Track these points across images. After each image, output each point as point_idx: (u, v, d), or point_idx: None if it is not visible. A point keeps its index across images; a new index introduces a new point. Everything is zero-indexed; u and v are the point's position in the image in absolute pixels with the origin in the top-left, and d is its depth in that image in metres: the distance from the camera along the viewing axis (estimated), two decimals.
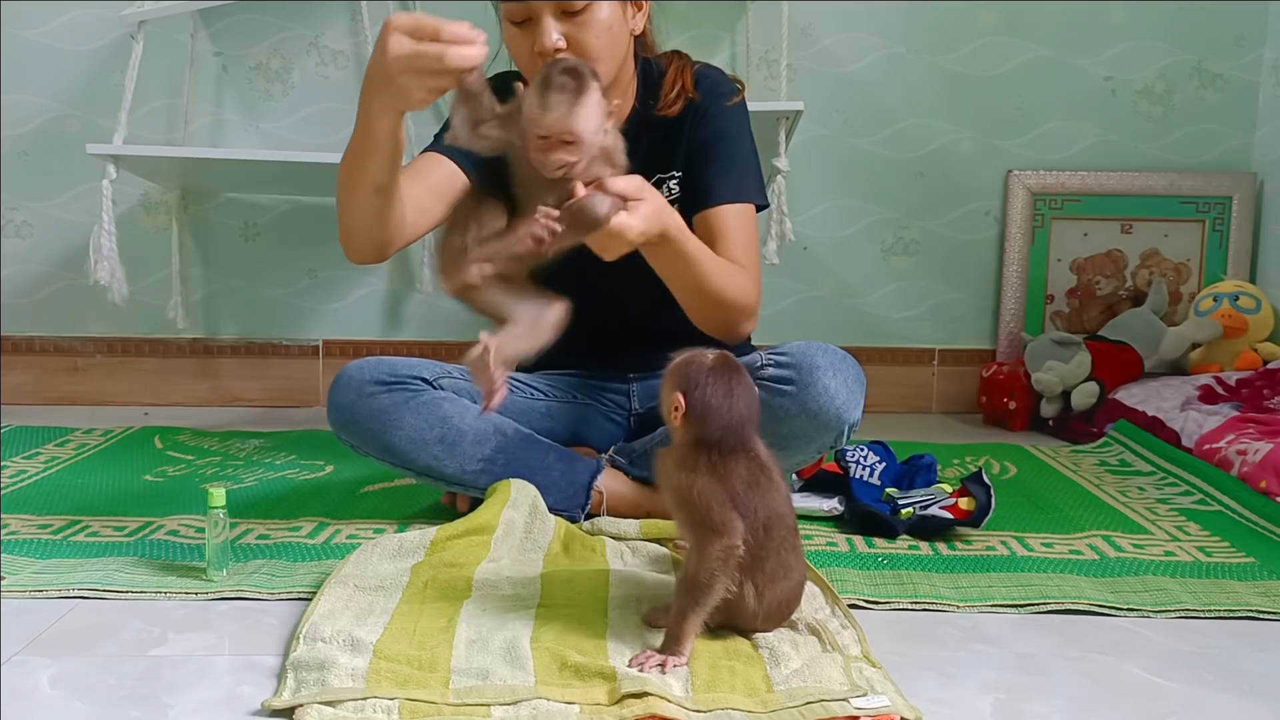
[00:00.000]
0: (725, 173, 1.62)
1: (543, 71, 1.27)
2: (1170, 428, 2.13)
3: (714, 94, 1.64)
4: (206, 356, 2.67)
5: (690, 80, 1.64)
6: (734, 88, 1.67)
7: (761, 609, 1.16)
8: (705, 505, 1.12)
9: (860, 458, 1.78)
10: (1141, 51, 2.63)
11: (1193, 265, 2.67)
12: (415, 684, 1.06)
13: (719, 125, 1.63)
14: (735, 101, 1.66)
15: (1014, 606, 1.33)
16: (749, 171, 1.64)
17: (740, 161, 1.63)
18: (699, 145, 1.63)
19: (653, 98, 1.64)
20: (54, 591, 1.33)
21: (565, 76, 1.25)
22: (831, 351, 1.52)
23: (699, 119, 1.63)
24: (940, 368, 2.72)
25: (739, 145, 1.64)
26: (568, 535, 1.52)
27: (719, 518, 1.12)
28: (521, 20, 1.48)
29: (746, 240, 1.61)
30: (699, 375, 1.15)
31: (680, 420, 1.15)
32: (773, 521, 1.15)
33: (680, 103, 1.62)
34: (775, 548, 1.15)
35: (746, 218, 1.62)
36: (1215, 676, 1.16)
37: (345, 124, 2.58)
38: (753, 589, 1.14)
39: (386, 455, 1.59)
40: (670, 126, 1.63)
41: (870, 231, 2.68)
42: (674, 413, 1.15)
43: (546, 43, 1.45)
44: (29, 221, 2.62)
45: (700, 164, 1.63)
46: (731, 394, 1.15)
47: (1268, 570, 1.47)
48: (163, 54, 2.53)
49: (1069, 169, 2.65)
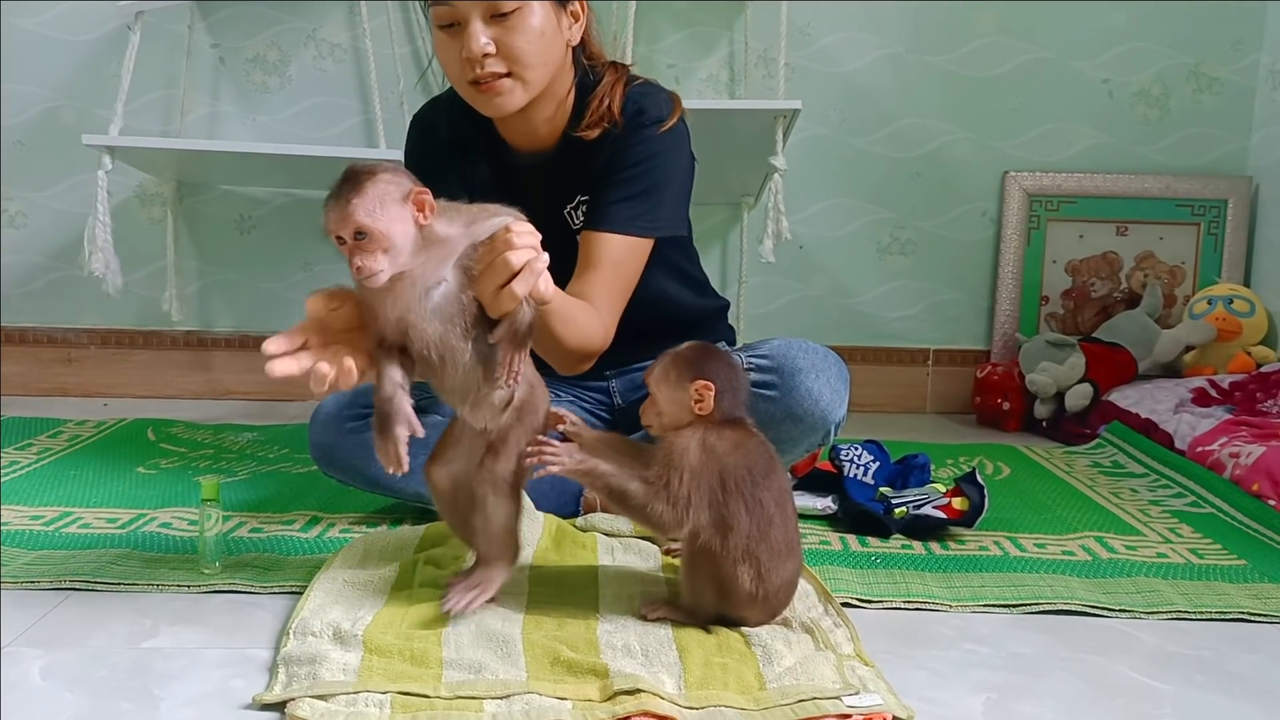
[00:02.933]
0: (624, 200, 1.50)
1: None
2: (1164, 430, 2.13)
3: (636, 123, 1.51)
4: (201, 349, 2.67)
5: (618, 103, 1.52)
6: (663, 114, 1.53)
7: (761, 590, 1.16)
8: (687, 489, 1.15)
9: (854, 457, 1.78)
10: (1139, 54, 2.63)
11: (1187, 268, 2.68)
12: (408, 678, 1.06)
13: (630, 155, 1.50)
14: (665, 129, 1.52)
15: (1006, 606, 1.34)
16: (652, 203, 1.51)
17: (648, 192, 1.50)
18: (607, 172, 1.52)
19: (579, 117, 1.53)
20: (46, 582, 1.33)
21: (349, 172, 1.10)
22: (812, 351, 1.51)
23: (615, 148, 1.51)
24: (935, 368, 2.72)
25: (652, 175, 1.51)
26: (559, 532, 1.52)
27: (687, 499, 1.15)
28: (449, 24, 1.42)
29: (615, 275, 1.48)
30: (703, 360, 1.19)
31: (713, 404, 1.17)
32: (784, 499, 1.18)
33: (599, 128, 1.52)
34: (784, 525, 1.17)
35: (628, 249, 1.49)
36: (1206, 678, 1.16)
37: (342, 117, 2.62)
38: (752, 571, 1.15)
39: (373, 487, 1.59)
40: (590, 149, 1.53)
41: (867, 231, 2.68)
42: (697, 402, 1.17)
43: (474, 47, 1.40)
44: (24, 212, 2.61)
45: (602, 188, 1.51)
46: (734, 367, 1.21)
47: (1259, 573, 1.47)
48: (160, 45, 2.52)
49: (1065, 171, 2.65)
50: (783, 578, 1.17)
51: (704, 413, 1.18)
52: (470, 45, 1.40)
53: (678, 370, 1.19)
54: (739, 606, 1.18)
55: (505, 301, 1.11)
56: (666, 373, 1.20)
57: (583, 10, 1.52)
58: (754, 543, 1.14)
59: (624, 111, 1.52)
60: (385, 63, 2.54)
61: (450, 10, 1.41)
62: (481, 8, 1.40)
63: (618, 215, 1.49)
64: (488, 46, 1.41)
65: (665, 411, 1.20)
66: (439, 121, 1.62)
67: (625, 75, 1.56)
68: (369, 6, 2.50)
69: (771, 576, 1.16)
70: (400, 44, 2.57)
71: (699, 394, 1.17)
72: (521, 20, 1.41)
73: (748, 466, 1.16)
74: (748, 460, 1.16)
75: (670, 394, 1.19)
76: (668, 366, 1.20)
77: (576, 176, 1.55)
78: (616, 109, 1.52)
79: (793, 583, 1.20)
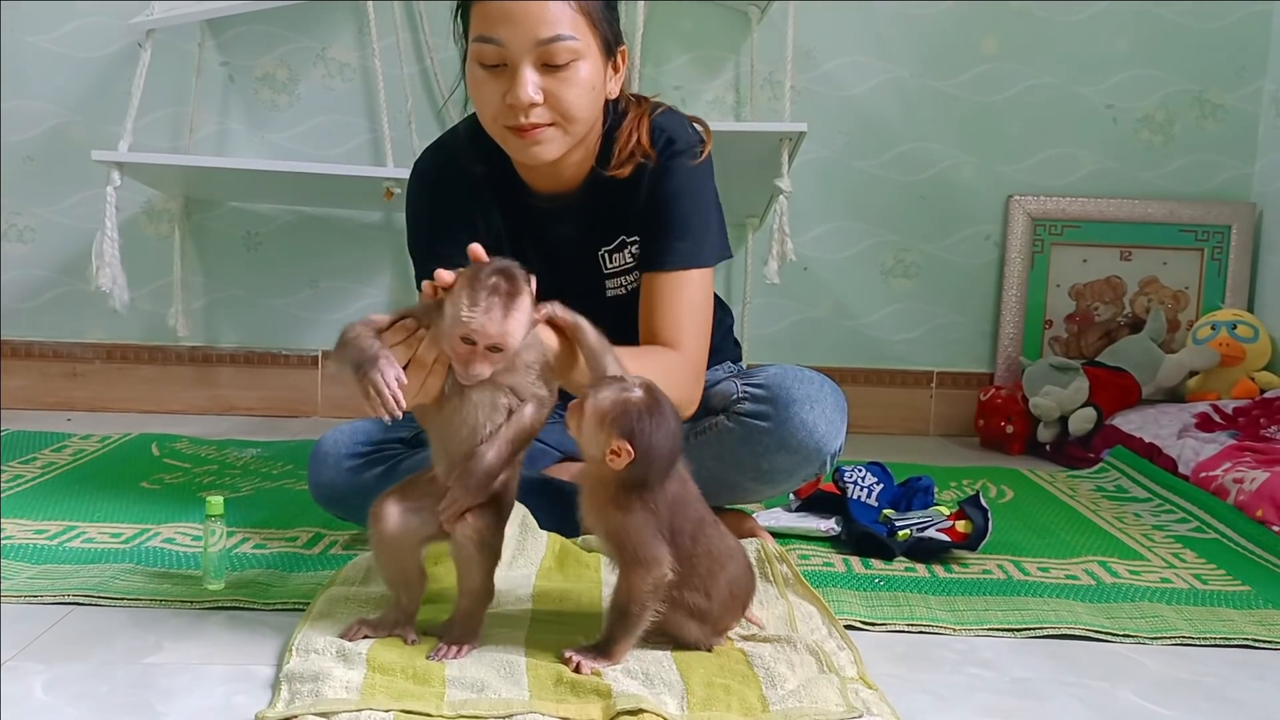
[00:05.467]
0: (680, 236, 1.46)
1: (472, 270, 1.12)
2: (1167, 455, 2.13)
3: (669, 152, 1.47)
4: (206, 365, 2.67)
5: (646, 137, 1.47)
6: (693, 144, 1.49)
7: (715, 604, 1.17)
8: (638, 542, 1.13)
9: (858, 479, 1.78)
10: (1143, 80, 2.64)
11: (1191, 293, 2.68)
12: (410, 696, 1.06)
13: (673, 187, 1.47)
14: (697, 162, 1.48)
15: (1010, 630, 1.33)
16: (706, 230, 1.49)
17: (696, 222, 1.48)
18: (653, 210, 1.47)
19: (608, 155, 1.48)
20: (49, 597, 1.33)
21: (499, 278, 1.10)
22: (808, 380, 1.49)
23: (653, 182, 1.47)
24: (938, 390, 2.72)
25: (694, 204, 1.48)
26: (562, 551, 1.51)
27: (650, 553, 1.13)
28: (495, 64, 1.35)
29: (689, 309, 1.46)
30: (639, 418, 1.11)
31: (624, 466, 1.11)
32: (696, 526, 1.17)
33: (631, 164, 1.46)
34: (705, 548, 1.16)
35: (695, 284, 1.47)
36: (1211, 704, 1.16)
37: (350, 136, 2.63)
38: (699, 593, 1.16)
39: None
40: (624, 188, 1.47)
41: (871, 253, 2.69)
42: (613, 458, 1.11)
43: (522, 95, 1.33)
44: (32, 226, 2.62)
45: (653, 228, 1.48)
46: (671, 432, 1.13)
47: (1264, 599, 1.47)
48: (170, 63, 2.54)
49: (1069, 195, 2.66)
50: (721, 594, 1.17)
51: (614, 468, 1.12)
52: (518, 92, 1.33)
53: (613, 418, 1.11)
54: (702, 636, 1.19)
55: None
56: (604, 414, 1.11)
57: (623, 61, 1.45)
58: (683, 586, 1.15)
59: (654, 143, 1.47)
60: (394, 82, 2.55)
61: (499, 51, 1.34)
62: (535, 54, 1.33)
63: (682, 252, 1.45)
64: (536, 96, 1.33)
65: (583, 441, 1.15)
66: (450, 174, 1.53)
67: (648, 108, 1.51)
68: (378, 26, 2.52)
69: (713, 600, 1.17)
70: (409, 64, 2.59)
71: (616, 451, 1.11)
72: (574, 73, 1.35)
73: (660, 508, 1.14)
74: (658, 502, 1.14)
75: (594, 433, 1.13)
76: (610, 408, 1.12)
77: (613, 216, 1.50)
78: (646, 141, 1.47)
79: (738, 586, 1.19)
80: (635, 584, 1.13)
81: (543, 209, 1.53)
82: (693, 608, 1.16)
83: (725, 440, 1.51)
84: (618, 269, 1.54)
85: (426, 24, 2.57)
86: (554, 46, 1.33)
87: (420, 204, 1.55)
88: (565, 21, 1.33)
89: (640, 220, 1.49)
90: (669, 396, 1.17)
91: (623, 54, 1.45)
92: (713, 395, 1.54)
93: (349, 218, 2.65)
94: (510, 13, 1.32)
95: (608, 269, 1.54)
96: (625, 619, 1.14)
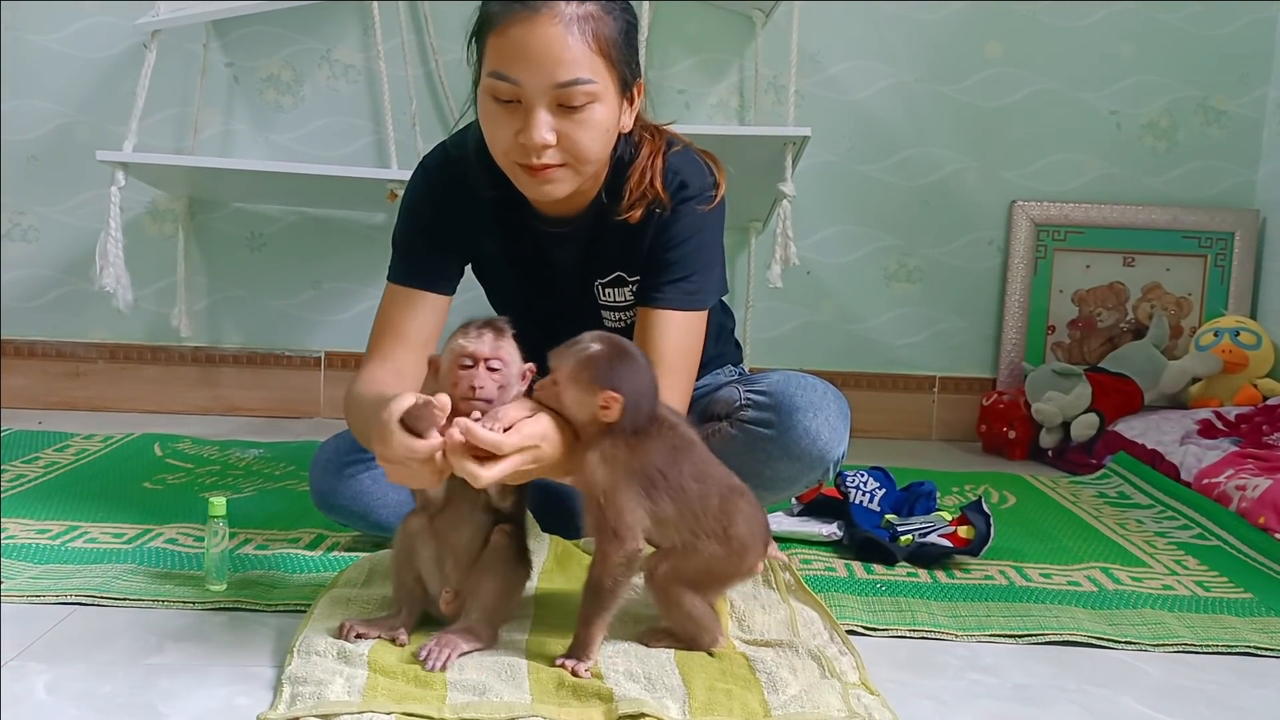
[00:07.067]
0: (682, 278, 1.45)
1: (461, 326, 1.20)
2: (1170, 461, 2.13)
3: (681, 196, 1.44)
4: (209, 365, 2.68)
5: (660, 179, 1.42)
6: (706, 189, 1.45)
7: (733, 548, 1.18)
8: (615, 510, 1.15)
9: (860, 483, 1.78)
10: (1147, 86, 2.64)
11: (1194, 300, 2.68)
12: (412, 698, 1.06)
13: (682, 232, 1.44)
14: (708, 208, 1.45)
15: (1012, 636, 1.33)
16: (708, 274, 1.47)
17: (699, 265, 1.46)
18: (657, 250, 1.45)
19: (618, 192, 1.43)
20: (51, 597, 1.33)
21: (484, 324, 1.19)
22: (810, 387, 1.47)
23: (662, 225, 1.44)
24: (940, 395, 2.72)
25: (699, 249, 1.46)
26: (564, 553, 1.52)
27: (624, 522, 1.14)
28: (509, 100, 1.31)
29: (680, 349, 1.44)
30: (611, 365, 1.16)
31: (617, 415, 1.15)
32: (702, 474, 1.18)
33: (642, 205, 1.42)
34: (714, 490, 1.18)
35: (690, 325, 1.46)
36: (1213, 712, 1.16)
37: (355, 137, 2.64)
38: (714, 539, 1.17)
39: (378, 530, 1.56)
40: (631, 229, 1.44)
41: (874, 258, 2.69)
42: (605, 411, 1.15)
43: (535, 136, 1.29)
44: (36, 226, 2.63)
45: (655, 266, 1.46)
46: (642, 366, 1.19)
47: (1266, 606, 1.47)
48: (175, 63, 2.54)
49: (1073, 201, 2.66)
50: (740, 527, 1.18)
51: (609, 420, 1.15)
52: (531, 134, 1.29)
53: (590, 374, 1.15)
54: (726, 577, 1.20)
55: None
56: (577, 374, 1.16)
57: (639, 94, 1.42)
58: (695, 523, 1.16)
59: (666, 184, 1.43)
60: (398, 84, 2.55)
61: (513, 89, 1.29)
62: (551, 96, 1.29)
63: (681, 293, 1.44)
64: (550, 138, 1.30)
65: (569, 411, 1.17)
66: (456, 190, 1.49)
67: (663, 144, 1.46)
68: (383, 28, 2.52)
69: (733, 530, 1.18)
70: (414, 66, 2.59)
71: (606, 404, 1.14)
72: (589, 115, 1.31)
73: (655, 465, 1.16)
74: (650, 458, 1.16)
75: (577, 396, 1.16)
76: (580, 367, 1.15)
77: (616, 253, 1.49)
78: (659, 184, 1.43)
79: (756, 518, 1.21)
80: (609, 555, 1.15)
81: (545, 232, 1.51)
82: (712, 554, 1.17)
83: (728, 446, 1.50)
84: (614, 303, 1.53)
85: (431, 26, 2.57)
86: (571, 90, 1.29)
87: (420, 206, 1.52)
88: (584, 65, 1.29)
89: (643, 261, 1.47)
90: None
91: (639, 87, 1.42)
92: (715, 401, 1.54)
93: (352, 219, 2.66)
94: (528, 52, 1.28)
95: (602, 301, 1.54)
96: (598, 595, 1.15)
